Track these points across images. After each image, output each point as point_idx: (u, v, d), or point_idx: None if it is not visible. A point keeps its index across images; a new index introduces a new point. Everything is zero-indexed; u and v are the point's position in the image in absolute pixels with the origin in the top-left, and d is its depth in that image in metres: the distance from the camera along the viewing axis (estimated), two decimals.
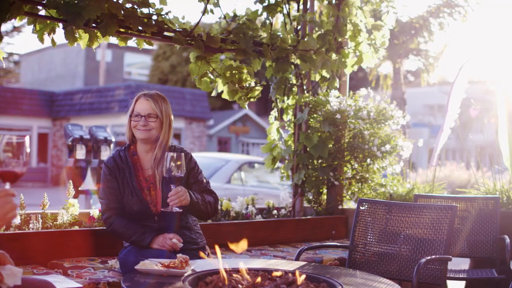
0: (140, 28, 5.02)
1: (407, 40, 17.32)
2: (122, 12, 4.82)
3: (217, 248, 3.11)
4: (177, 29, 5.33)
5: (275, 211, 6.38)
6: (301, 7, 6.39)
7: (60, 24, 4.77)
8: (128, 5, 4.88)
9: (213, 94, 6.03)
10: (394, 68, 18.56)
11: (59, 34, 4.83)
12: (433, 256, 4.20)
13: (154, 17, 5.09)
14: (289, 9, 6.31)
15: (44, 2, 4.57)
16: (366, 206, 4.79)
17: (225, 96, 6.03)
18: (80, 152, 11.31)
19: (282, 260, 4.27)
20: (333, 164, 6.35)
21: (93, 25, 4.79)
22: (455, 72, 6.77)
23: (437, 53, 18.71)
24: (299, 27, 6.33)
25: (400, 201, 5.73)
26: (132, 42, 5.26)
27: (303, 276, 2.95)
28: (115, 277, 4.18)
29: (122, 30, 4.99)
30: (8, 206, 2.22)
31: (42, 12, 4.71)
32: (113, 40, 5.18)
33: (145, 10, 5.05)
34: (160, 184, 4.20)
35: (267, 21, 6.07)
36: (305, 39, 6.02)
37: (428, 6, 16.99)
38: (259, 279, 3.00)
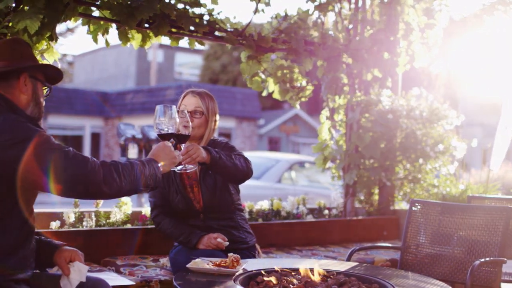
0: (192, 28, 5.05)
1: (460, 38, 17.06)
2: (174, 13, 4.86)
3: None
4: (229, 29, 5.34)
5: (326, 211, 6.35)
6: (352, 6, 6.35)
7: (113, 25, 4.82)
8: (180, 6, 4.92)
9: (264, 93, 6.03)
10: (447, 67, 18.31)
11: (112, 35, 4.89)
12: (487, 259, 4.13)
13: (206, 17, 5.12)
14: (340, 8, 6.27)
15: (98, 3, 4.63)
16: (419, 207, 4.73)
17: (276, 95, 6.03)
18: (132, 151, 11.45)
19: (333, 261, 4.25)
20: (385, 164, 6.29)
21: (146, 25, 4.84)
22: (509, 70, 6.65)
23: (491, 51, 18.38)
24: (350, 26, 6.29)
25: (453, 202, 5.64)
26: (183, 42, 5.30)
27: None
28: (166, 275, 4.22)
29: (174, 30, 5.03)
30: (171, 154, 3.11)
31: (96, 13, 4.77)
32: (165, 40, 5.22)
33: (196, 10, 5.08)
34: (200, 180, 4.20)
35: (319, 20, 6.05)
36: (357, 38, 5.98)
37: (482, 5, 16.70)
38: (310, 279, 2.99)
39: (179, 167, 3.89)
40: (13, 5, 4.03)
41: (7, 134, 2.61)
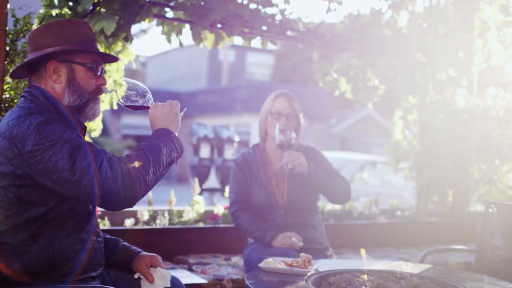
0: (264, 28, 5.06)
1: None
2: (247, 13, 4.88)
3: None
4: (301, 29, 5.34)
5: (398, 212, 6.28)
6: (426, 4, 6.25)
7: (187, 25, 4.88)
8: (253, 6, 4.93)
9: (336, 93, 6.00)
10: None
11: (185, 35, 4.94)
12: None
13: (278, 17, 5.12)
14: (414, 6, 6.18)
15: (172, 4, 4.69)
16: (495, 209, 4.62)
17: (348, 95, 5.99)
18: (204, 151, 11.58)
19: (406, 263, 4.20)
20: (460, 165, 6.17)
21: (218, 25, 4.87)
22: None
23: None
24: (424, 25, 6.19)
25: None
26: (255, 42, 5.32)
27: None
28: (238, 274, 4.24)
29: (246, 30, 5.05)
30: (165, 108, 3.03)
31: (170, 14, 4.84)
32: (236, 40, 5.25)
33: (269, 10, 5.09)
34: (287, 177, 4.22)
35: (392, 19, 5.98)
36: (431, 37, 5.89)
37: None
38: (383, 281, 2.96)
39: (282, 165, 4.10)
40: (90, 7, 4.11)
41: (32, 139, 2.43)
